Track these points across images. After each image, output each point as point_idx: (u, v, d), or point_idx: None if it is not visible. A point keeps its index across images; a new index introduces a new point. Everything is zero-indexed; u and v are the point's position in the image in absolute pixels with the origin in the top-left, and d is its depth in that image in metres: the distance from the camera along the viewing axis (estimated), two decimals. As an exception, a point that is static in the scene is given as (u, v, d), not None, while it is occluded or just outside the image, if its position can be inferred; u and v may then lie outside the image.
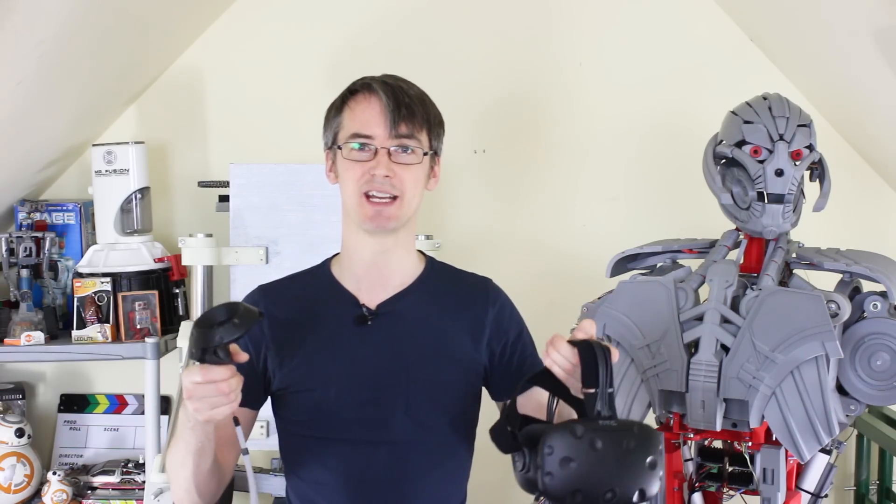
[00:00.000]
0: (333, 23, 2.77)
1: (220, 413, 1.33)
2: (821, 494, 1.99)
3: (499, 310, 1.65)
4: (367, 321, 1.57)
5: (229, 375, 1.31)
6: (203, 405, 1.32)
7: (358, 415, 1.54)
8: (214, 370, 1.30)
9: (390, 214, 1.53)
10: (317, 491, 1.58)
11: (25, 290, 2.53)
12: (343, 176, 1.55)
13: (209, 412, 1.32)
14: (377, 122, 1.52)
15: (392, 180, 1.52)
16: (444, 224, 2.73)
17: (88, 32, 2.19)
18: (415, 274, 1.63)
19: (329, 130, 1.59)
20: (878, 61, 2.19)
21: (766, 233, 1.95)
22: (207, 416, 1.33)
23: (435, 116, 1.59)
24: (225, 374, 1.30)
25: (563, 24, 2.78)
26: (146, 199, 2.62)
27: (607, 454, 1.25)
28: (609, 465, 1.25)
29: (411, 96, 1.55)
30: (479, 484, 1.71)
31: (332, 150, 1.59)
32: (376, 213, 1.52)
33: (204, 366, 1.30)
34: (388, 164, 1.51)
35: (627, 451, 1.26)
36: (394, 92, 1.53)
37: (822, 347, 1.76)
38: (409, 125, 1.53)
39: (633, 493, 1.25)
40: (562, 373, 1.36)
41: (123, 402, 2.79)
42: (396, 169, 1.52)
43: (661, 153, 2.76)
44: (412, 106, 1.54)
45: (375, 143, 1.52)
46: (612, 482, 1.25)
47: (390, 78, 1.58)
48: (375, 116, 1.52)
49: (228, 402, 1.32)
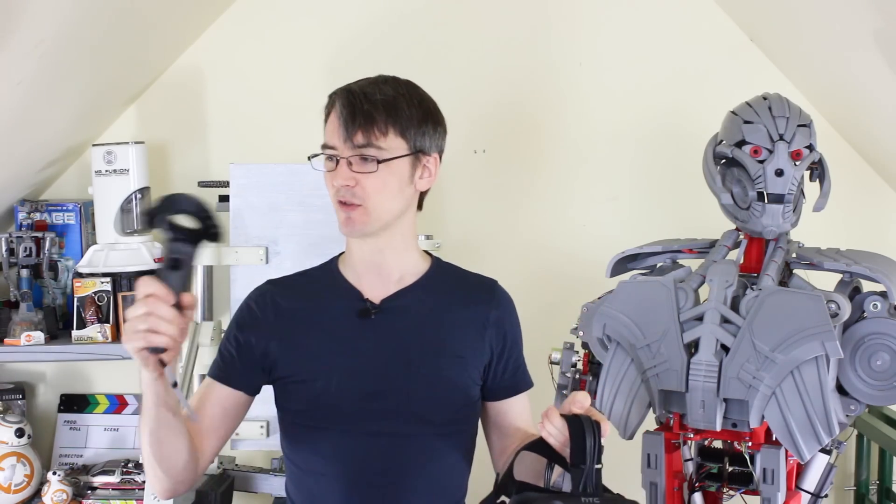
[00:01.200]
0: (334, 23, 2.77)
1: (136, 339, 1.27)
2: (821, 494, 1.98)
3: (503, 312, 1.67)
4: (371, 314, 1.60)
5: (167, 299, 1.27)
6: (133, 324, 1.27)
7: (359, 406, 1.56)
8: (153, 283, 1.27)
9: (356, 219, 1.55)
10: (315, 480, 1.59)
11: (25, 290, 2.53)
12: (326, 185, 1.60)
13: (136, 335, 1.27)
14: (336, 134, 1.55)
15: (353, 189, 1.53)
16: (444, 224, 2.73)
17: (88, 32, 2.19)
18: (419, 272, 1.65)
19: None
20: (878, 61, 2.19)
21: (766, 233, 1.95)
22: (134, 340, 1.27)
23: (412, 117, 1.56)
24: (166, 294, 1.27)
25: (562, 24, 2.78)
26: (146, 199, 2.61)
27: None
28: None
29: (374, 101, 1.53)
30: (478, 484, 1.71)
31: None
32: (346, 219, 1.56)
33: (147, 277, 1.28)
34: (348, 173, 1.53)
35: None
36: (353, 100, 1.53)
37: (822, 347, 1.75)
38: (366, 133, 1.52)
39: None
40: (557, 443, 1.38)
41: (123, 402, 2.79)
42: (359, 178, 1.53)
43: (661, 153, 2.76)
44: (372, 112, 1.52)
45: (338, 154, 1.54)
46: None
47: (362, 84, 1.57)
48: (336, 128, 1.55)
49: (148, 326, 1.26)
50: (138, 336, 1.27)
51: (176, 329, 1.28)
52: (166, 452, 1.46)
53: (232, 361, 1.60)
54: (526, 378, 1.73)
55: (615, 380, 1.90)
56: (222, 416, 1.59)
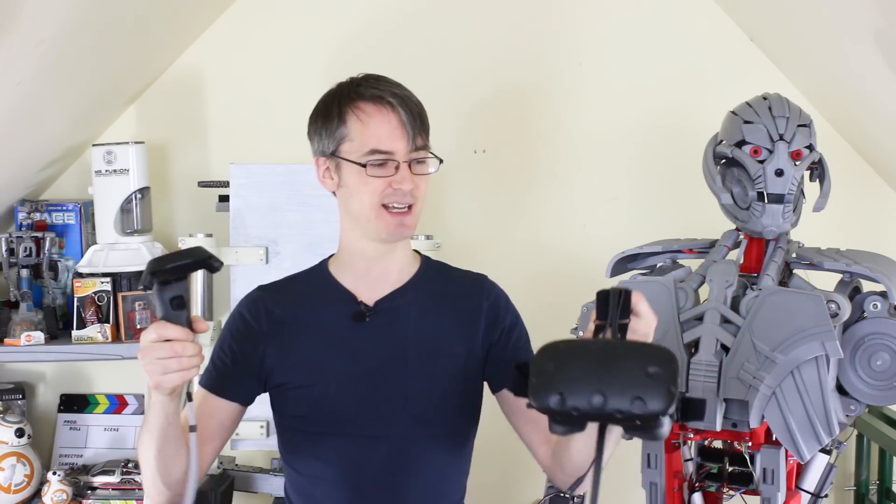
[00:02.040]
0: (334, 23, 2.77)
1: (170, 380, 1.31)
2: (821, 494, 1.99)
3: (493, 301, 1.65)
4: (365, 317, 1.58)
5: (184, 337, 1.30)
6: (155, 367, 1.31)
7: (357, 410, 1.55)
8: (170, 328, 1.30)
9: (409, 223, 1.55)
10: (315, 485, 1.59)
11: (25, 290, 2.53)
12: (358, 189, 1.53)
13: (159, 376, 1.31)
14: (397, 138, 1.51)
15: (413, 191, 1.53)
16: (444, 224, 2.73)
17: (89, 32, 2.19)
18: (411, 272, 1.65)
19: (328, 138, 1.56)
20: (878, 61, 2.19)
21: (766, 233, 1.95)
22: (157, 380, 1.32)
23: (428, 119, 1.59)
24: (180, 334, 1.30)
25: (563, 23, 2.78)
26: (146, 199, 2.62)
27: (597, 360, 1.14)
28: (596, 370, 1.13)
29: (417, 104, 1.55)
30: (479, 484, 1.71)
31: (332, 158, 1.56)
32: (399, 224, 1.53)
33: (160, 322, 1.30)
34: (412, 177, 1.53)
35: (620, 356, 1.14)
36: (406, 104, 1.53)
37: (822, 347, 1.75)
38: (423, 136, 1.55)
39: (627, 400, 1.10)
40: None
41: (123, 402, 2.78)
42: (416, 180, 1.54)
43: (661, 153, 2.76)
44: (422, 116, 1.55)
45: (397, 158, 1.52)
46: (601, 384, 1.11)
47: (395, 87, 1.56)
48: (395, 131, 1.52)
49: (180, 367, 1.30)
50: (172, 376, 1.32)
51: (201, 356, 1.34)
52: (171, 468, 1.45)
53: (227, 372, 1.58)
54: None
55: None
56: (219, 428, 1.58)
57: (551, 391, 1.14)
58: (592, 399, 1.11)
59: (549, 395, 1.14)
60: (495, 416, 1.72)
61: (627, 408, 1.10)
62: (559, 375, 1.14)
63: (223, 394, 1.58)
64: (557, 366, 1.15)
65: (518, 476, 2.71)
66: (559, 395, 1.13)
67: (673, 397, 1.10)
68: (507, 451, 2.65)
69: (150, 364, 1.31)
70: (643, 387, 1.10)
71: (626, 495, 2.22)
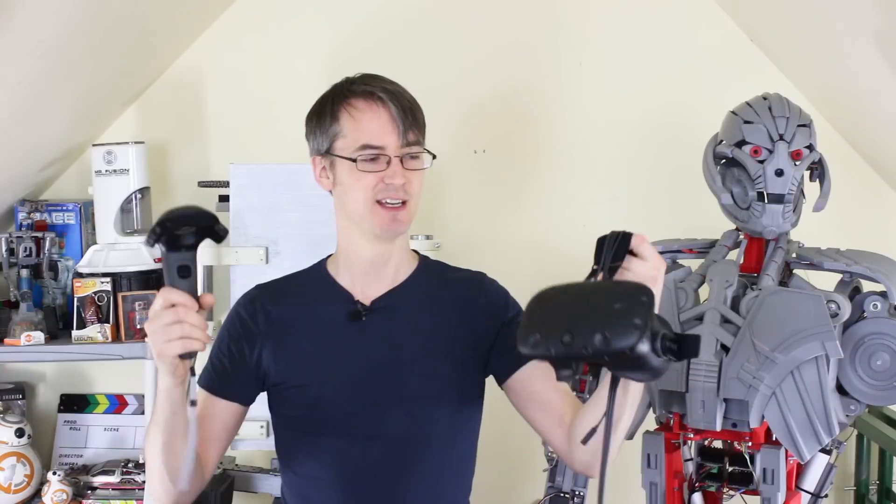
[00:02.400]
0: (334, 23, 2.77)
1: (172, 348, 1.30)
2: (821, 494, 1.99)
3: (492, 297, 1.65)
4: (362, 316, 1.58)
5: (189, 304, 1.30)
6: (158, 335, 1.30)
7: (354, 409, 1.55)
8: (175, 292, 1.30)
9: (403, 219, 1.54)
10: (312, 485, 1.58)
11: (25, 290, 2.53)
12: (351, 186, 1.54)
13: (164, 344, 1.30)
14: (387, 132, 1.52)
15: (405, 186, 1.53)
16: (444, 224, 2.73)
17: (89, 32, 2.19)
18: (408, 271, 1.64)
19: (322, 136, 1.57)
20: (878, 61, 2.19)
21: (766, 233, 1.95)
22: (160, 348, 1.31)
23: (423, 116, 1.59)
24: (184, 299, 1.30)
25: (563, 23, 2.78)
26: (146, 199, 2.61)
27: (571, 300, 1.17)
28: (568, 309, 1.16)
29: (410, 101, 1.56)
30: (479, 484, 1.71)
31: (326, 157, 1.57)
32: (392, 219, 1.53)
33: (166, 287, 1.30)
34: (403, 171, 1.52)
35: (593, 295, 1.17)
36: (398, 99, 1.53)
37: (822, 347, 1.76)
38: (415, 131, 1.55)
39: (592, 336, 1.11)
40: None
41: (123, 402, 2.78)
42: (409, 175, 1.53)
43: (661, 153, 2.75)
44: (415, 111, 1.55)
45: (388, 153, 1.52)
46: (569, 324, 1.13)
47: (387, 83, 1.57)
48: (385, 125, 1.52)
49: (182, 333, 1.29)
50: (174, 344, 1.30)
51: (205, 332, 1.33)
52: (178, 463, 1.42)
53: (226, 373, 1.58)
54: None
55: (615, 380, 1.90)
56: (222, 429, 1.58)
57: (530, 333, 1.16)
58: (563, 338, 1.13)
59: (529, 337, 1.16)
60: (495, 417, 1.72)
61: (594, 345, 1.11)
62: (536, 318, 1.18)
63: (223, 394, 1.58)
64: (539, 309, 1.18)
65: (518, 476, 2.71)
66: (537, 336, 1.16)
67: (639, 331, 1.10)
68: (507, 452, 2.66)
69: (154, 333, 1.31)
70: (607, 323, 1.12)
71: (626, 495, 2.22)
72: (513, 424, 2.46)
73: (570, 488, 2.13)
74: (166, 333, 1.30)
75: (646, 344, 1.12)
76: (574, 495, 2.12)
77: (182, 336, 1.30)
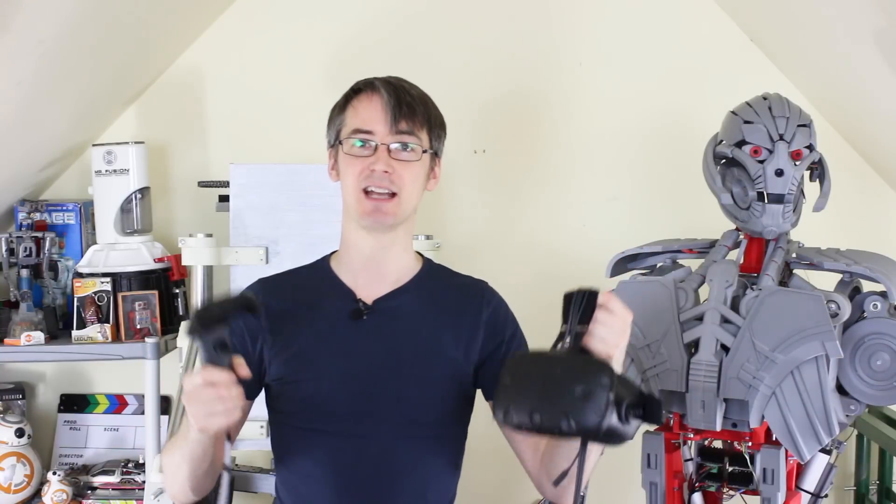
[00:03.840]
0: (334, 23, 2.77)
1: (215, 423, 1.34)
2: (821, 494, 1.99)
3: (493, 311, 1.66)
4: (363, 315, 1.58)
5: (228, 380, 1.33)
6: (200, 410, 1.34)
7: (349, 408, 1.55)
8: (215, 372, 1.33)
9: (388, 210, 1.54)
10: (305, 483, 1.59)
11: (25, 290, 2.53)
12: (343, 172, 1.57)
13: (204, 420, 1.34)
14: (378, 119, 1.54)
15: (391, 176, 1.53)
16: (444, 224, 2.73)
17: (88, 32, 2.19)
18: (412, 272, 1.65)
19: (332, 129, 1.61)
20: (878, 61, 2.19)
21: (766, 233, 1.95)
22: (203, 423, 1.35)
23: (436, 117, 1.61)
24: (223, 377, 1.33)
25: (562, 23, 2.78)
26: (146, 199, 2.62)
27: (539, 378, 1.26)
28: (537, 388, 1.25)
29: (413, 95, 1.58)
30: (478, 485, 1.71)
31: (334, 148, 1.61)
32: (375, 209, 1.54)
33: (206, 367, 1.32)
34: (388, 160, 1.53)
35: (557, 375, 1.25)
36: (395, 90, 1.56)
37: (822, 347, 1.76)
38: (410, 122, 1.55)
39: (559, 420, 1.22)
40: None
41: (123, 402, 2.79)
42: (395, 165, 1.54)
43: (662, 153, 2.75)
44: (413, 104, 1.56)
45: (376, 139, 1.54)
46: (538, 404, 1.24)
47: (394, 78, 1.60)
48: (376, 113, 1.54)
49: (224, 409, 1.33)
50: (217, 419, 1.34)
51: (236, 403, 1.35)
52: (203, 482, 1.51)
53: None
54: None
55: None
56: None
57: (502, 406, 1.27)
58: (532, 417, 1.23)
59: (501, 410, 1.27)
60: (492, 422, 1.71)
61: (560, 428, 1.21)
62: (508, 392, 1.28)
63: None
64: (511, 382, 1.28)
65: (518, 477, 2.70)
66: (505, 411, 1.26)
67: (601, 414, 1.20)
68: (506, 453, 2.64)
69: (196, 408, 1.34)
70: (571, 407, 1.21)
71: (626, 495, 2.23)
72: (513, 424, 2.46)
73: (570, 488, 2.13)
74: (209, 410, 1.33)
75: (610, 419, 1.21)
76: (574, 496, 2.12)
77: (224, 412, 1.33)
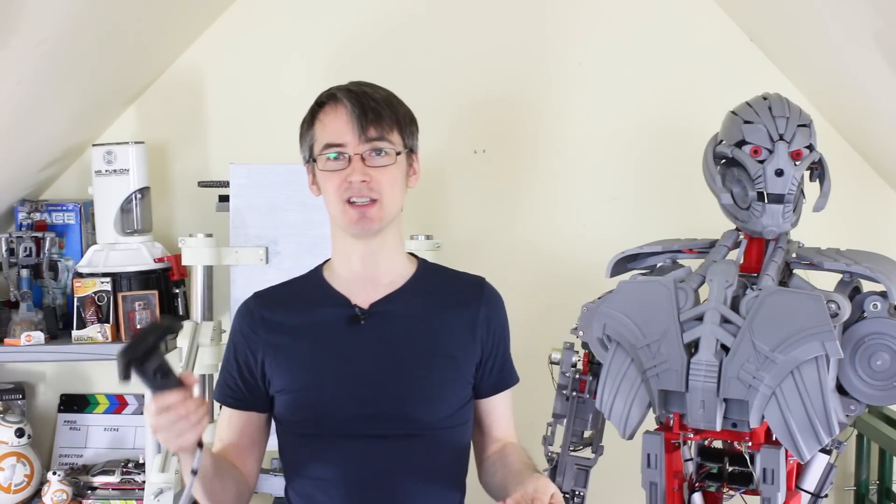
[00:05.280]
0: (333, 23, 2.76)
1: (188, 440, 1.35)
2: (821, 494, 1.98)
3: (492, 309, 1.68)
4: (360, 321, 1.59)
5: (181, 398, 1.32)
6: (169, 435, 1.34)
7: (355, 412, 1.56)
8: (164, 397, 1.32)
9: (373, 216, 1.56)
10: (317, 487, 1.60)
11: (25, 290, 2.53)
12: (324, 187, 1.59)
13: (177, 441, 1.35)
14: (346, 130, 1.55)
15: (369, 184, 1.55)
16: (444, 224, 2.73)
17: (89, 32, 2.19)
18: (406, 274, 1.66)
19: (304, 145, 1.63)
20: (878, 61, 2.19)
21: (766, 233, 1.94)
22: (177, 445, 1.36)
23: (405, 115, 1.61)
24: (177, 397, 1.32)
25: (562, 23, 2.78)
26: (146, 199, 2.62)
27: None
28: None
29: (377, 99, 1.58)
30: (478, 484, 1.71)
31: (310, 164, 1.62)
32: (360, 216, 1.55)
33: (155, 395, 1.32)
34: (363, 168, 1.54)
35: None
36: (358, 98, 1.56)
37: (822, 347, 1.75)
38: (378, 128, 1.56)
39: None
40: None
41: (123, 402, 2.79)
42: (372, 172, 1.55)
43: (662, 153, 2.75)
44: (378, 109, 1.56)
45: (348, 151, 1.55)
46: None
47: (354, 85, 1.61)
48: (344, 125, 1.55)
49: (190, 425, 1.33)
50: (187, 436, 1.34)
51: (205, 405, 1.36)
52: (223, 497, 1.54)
53: (238, 388, 1.62)
54: (512, 374, 1.74)
55: (615, 380, 1.90)
56: (251, 440, 1.63)
57: None
58: None
59: None
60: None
61: None
62: None
63: (243, 408, 1.63)
64: None
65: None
66: None
67: None
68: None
69: (164, 435, 1.34)
70: None
71: (626, 495, 2.22)
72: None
73: (570, 488, 2.13)
74: (176, 432, 1.33)
75: None
76: (574, 495, 2.12)
77: (191, 427, 1.33)
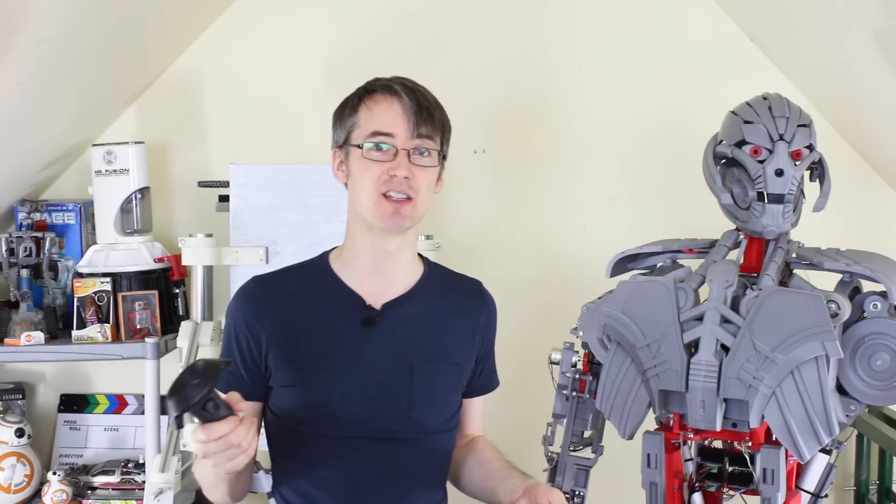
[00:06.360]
0: (333, 23, 2.77)
1: (240, 463, 1.33)
2: (821, 494, 1.98)
3: (490, 315, 1.71)
4: (375, 322, 1.58)
5: (233, 427, 1.29)
6: (220, 459, 1.33)
7: (362, 414, 1.56)
8: (216, 427, 1.29)
9: (406, 214, 1.54)
10: (316, 485, 1.59)
11: (25, 290, 2.53)
12: (359, 175, 1.55)
13: (228, 464, 1.33)
14: (398, 122, 1.53)
15: (410, 181, 1.53)
16: (444, 224, 2.73)
17: (88, 33, 2.19)
18: (417, 275, 1.66)
19: (341, 128, 1.59)
20: (877, 61, 2.19)
21: (766, 233, 1.94)
22: (228, 467, 1.34)
23: (448, 122, 1.61)
24: (227, 427, 1.29)
25: (562, 23, 2.78)
26: (146, 199, 2.62)
27: None
28: None
29: (430, 100, 1.58)
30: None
31: (343, 149, 1.59)
32: (394, 212, 1.53)
33: (205, 426, 1.29)
34: (408, 165, 1.53)
35: None
36: (414, 94, 1.55)
37: (822, 347, 1.75)
38: (429, 127, 1.55)
39: None
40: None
41: (123, 402, 2.79)
42: (414, 170, 1.53)
43: (662, 153, 2.75)
44: (431, 109, 1.56)
45: (396, 143, 1.53)
46: None
47: (409, 81, 1.59)
48: (397, 116, 1.53)
49: (242, 451, 1.31)
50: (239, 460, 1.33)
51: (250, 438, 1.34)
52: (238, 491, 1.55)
53: (240, 375, 1.58)
54: (495, 378, 1.76)
55: (615, 380, 1.90)
56: None
57: None
58: None
59: None
60: (495, 418, 1.72)
61: None
62: None
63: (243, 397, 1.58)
64: None
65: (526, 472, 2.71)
66: None
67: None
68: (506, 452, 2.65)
69: (216, 460, 1.33)
70: None
71: (626, 495, 2.22)
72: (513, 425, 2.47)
73: (570, 488, 2.13)
74: (228, 458, 1.32)
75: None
76: (574, 495, 2.12)
77: (243, 452, 1.32)
